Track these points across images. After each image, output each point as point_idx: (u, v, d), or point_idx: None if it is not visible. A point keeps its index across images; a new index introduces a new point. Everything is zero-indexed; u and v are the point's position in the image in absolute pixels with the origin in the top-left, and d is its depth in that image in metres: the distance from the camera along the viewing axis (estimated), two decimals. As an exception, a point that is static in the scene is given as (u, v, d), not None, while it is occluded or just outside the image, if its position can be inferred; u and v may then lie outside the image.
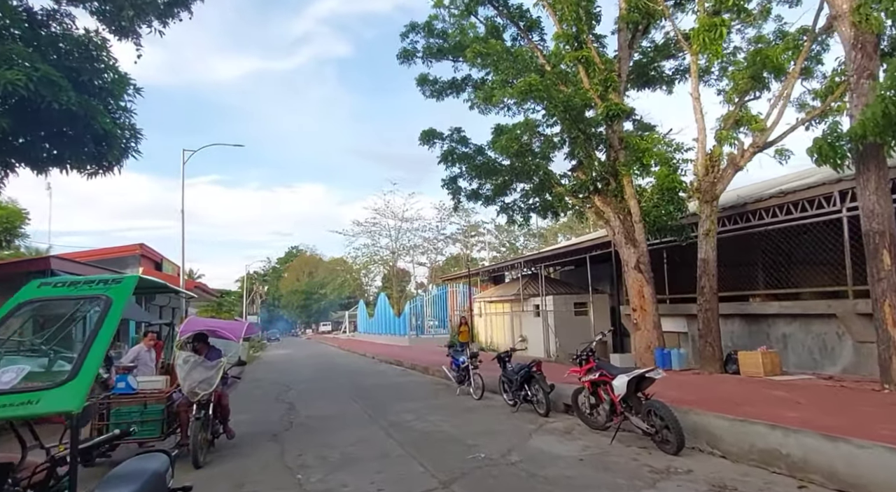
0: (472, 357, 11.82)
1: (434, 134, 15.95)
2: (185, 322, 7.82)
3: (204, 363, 7.36)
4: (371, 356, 27.82)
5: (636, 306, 12.31)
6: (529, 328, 23.36)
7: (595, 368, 7.58)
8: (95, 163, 11.25)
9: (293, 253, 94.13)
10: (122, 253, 19.85)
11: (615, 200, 12.72)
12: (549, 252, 21.67)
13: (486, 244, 67.09)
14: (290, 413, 10.90)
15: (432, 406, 10.88)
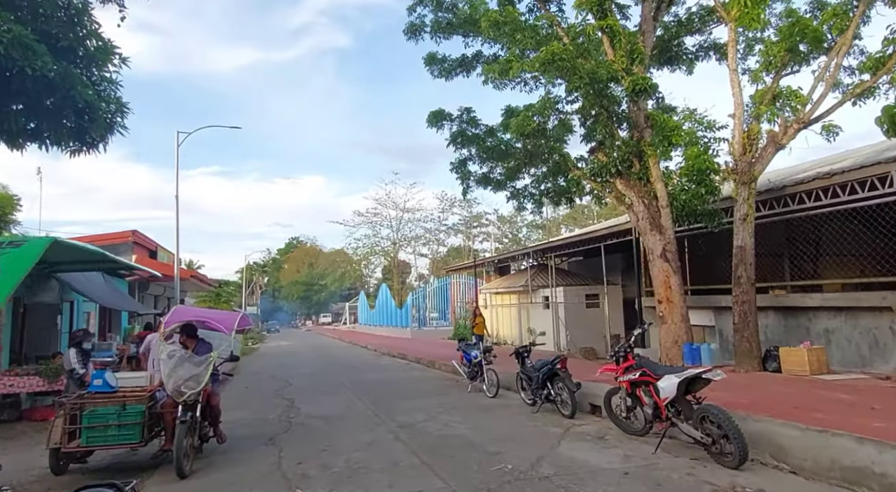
0: (486, 352, 10.96)
1: (442, 115, 14.99)
2: (170, 312, 6.95)
3: (191, 359, 6.48)
4: (373, 349, 27.01)
5: (662, 298, 11.42)
6: (538, 321, 22.50)
7: (635, 366, 6.69)
8: (77, 139, 10.33)
9: (293, 244, 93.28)
10: (114, 240, 18.93)
11: (639, 183, 11.80)
12: (561, 241, 20.76)
13: (488, 235, 66.32)
14: (290, 411, 10.04)
15: (443, 405, 10.02)
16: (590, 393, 8.73)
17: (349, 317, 68.64)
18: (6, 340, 10.73)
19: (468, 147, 15.24)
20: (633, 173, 11.78)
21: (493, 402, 10.16)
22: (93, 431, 5.98)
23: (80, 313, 14.34)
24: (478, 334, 15.70)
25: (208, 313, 7.33)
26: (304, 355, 25.97)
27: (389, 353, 23.66)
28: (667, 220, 11.42)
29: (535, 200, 16.60)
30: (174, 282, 18.54)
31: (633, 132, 11.93)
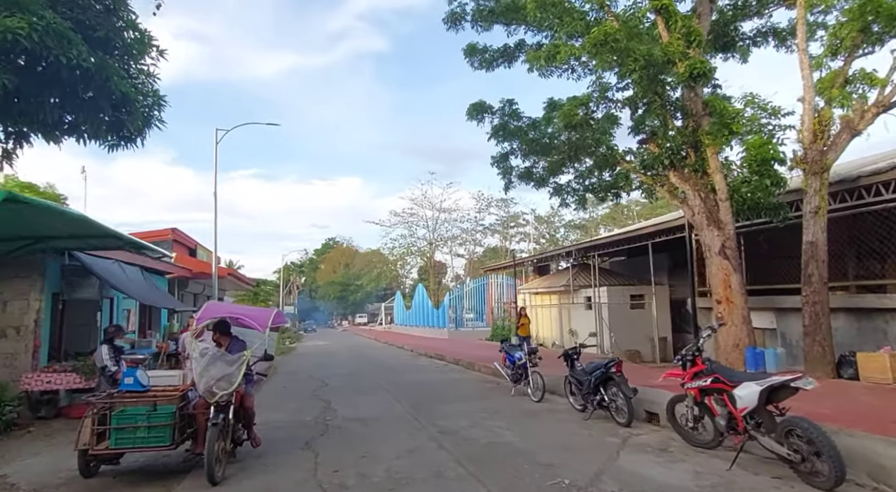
0: (531, 354, 10.36)
1: (483, 108, 14.46)
2: (202, 308, 6.64)
3: (224, 357, 6.13)
4: (409, 349, 26.65)
5: (721, 298, 10.60)
6: (580, 322, 21.70)
7: (705, 372, 6.01)
8: (115, 132, 10.22)
9: (329, 245, 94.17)
10: (154, 238, 19.05)
11: (695, 175, 11.00)
12: (605, 239, 19.92)
13: (525, 235, 65.40)
14: (326, 413, 9.67)
15: (486, 409, 9.48)
16: (645, 399, 8.06)
17: (385, 317, 68.71)
18: (45, 337, 10.72)
19: (510, 141, 14.66)
20: (688, 165, 10.99)
21: (539, 407, 9.56)
22: (122, 432, 5.68)
23: (119, 310, 14.38)
24: (522, 335, 15.13)
25: (241, 310, 6.99)
26: (341, 355, 25.81)
27: (427, 354, 23.24)
28: (726, 214, 10.59)
29: (578, 197, 15.90)
30: (212, 280, 18.55)
31: (689, 121, 11.14)
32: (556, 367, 11.41)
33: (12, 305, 10.51)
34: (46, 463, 6.71)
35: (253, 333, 7.09)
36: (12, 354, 10.38)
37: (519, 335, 15.26)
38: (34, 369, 10.18)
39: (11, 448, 7.83)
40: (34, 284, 10.54)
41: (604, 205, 56.55)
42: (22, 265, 10.47)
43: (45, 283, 10.59)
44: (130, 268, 13.35)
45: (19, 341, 10.43)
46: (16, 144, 10.04)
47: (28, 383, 9.75)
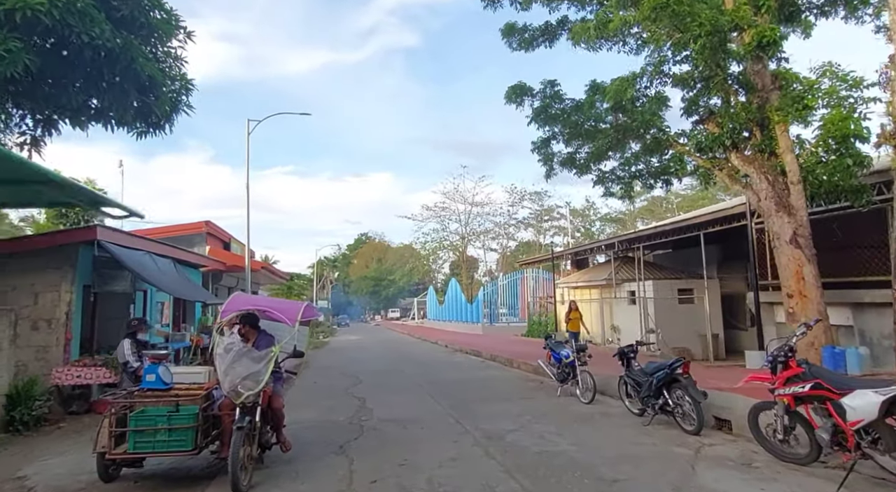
0: (580, 351, 9.56)
1: (523, 90, 13.63)
2: (228, 300, 6.11)
3: (250, 353, 5.57)
4: (444, 345, 26.06)
5: (793, 292, 9.58)
6: (622, 317, 20.69)
7: (802, 376, 5.15)
8: (142, 118, 9.87)
9: (362, 240, 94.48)
10: (188, 231, 18.96)
11: (761, 156, 9.98)
12: (651, 230, 18.80)
13: (560, 229, 63.99)
14: (361, 413, 9.11)
15: (532, 411, 8.74)
16: (713, 404, 7.22)
17: (417, 312, 68.43)
18: (76, 330, 10.47)
19: (551, 125, 13.82)
20: (753, 145, 10.00)
21: (590, 409, 8.77)
22: (141, 435, 5.18)
23: (153, 303, 14.16)
24: (573, 331, 14.33)
25: (269, 302, 6.44)
26: (374, 350, 25.40)
27: (462, 349, 22.59)
28: (798, 198, 9.56)
29: (623, 184, 14.95)
30: (245, 273, 18.29)
31: (754, 96, 10.11)
32: (604, 365, 10.62)
33: (44, 297, 10.29)
34: (69, 464, 6.31)
35: (282, 327, 6.55)
36: (44, 346, 10.16)
37: (569, 331, 14.42)
38: (65, 363, 9.94)
39: (38, 445, 7.52)
40: (65, 275, 10.29)
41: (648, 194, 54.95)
42: (54, 256, 10.24)
43: (77, 274, 10.33)
44: (163, 260, 13.08)
45: (51, 334, 10.21)
46: (44, 131, 9.78)
47: (58, 378, 9.49)
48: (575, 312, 15.29)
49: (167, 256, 13.72)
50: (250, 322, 6.20)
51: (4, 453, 6.87)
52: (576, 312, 15.32)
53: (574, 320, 14.95)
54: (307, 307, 6.20)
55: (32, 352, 10.09)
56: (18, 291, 10.22)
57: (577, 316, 15.09)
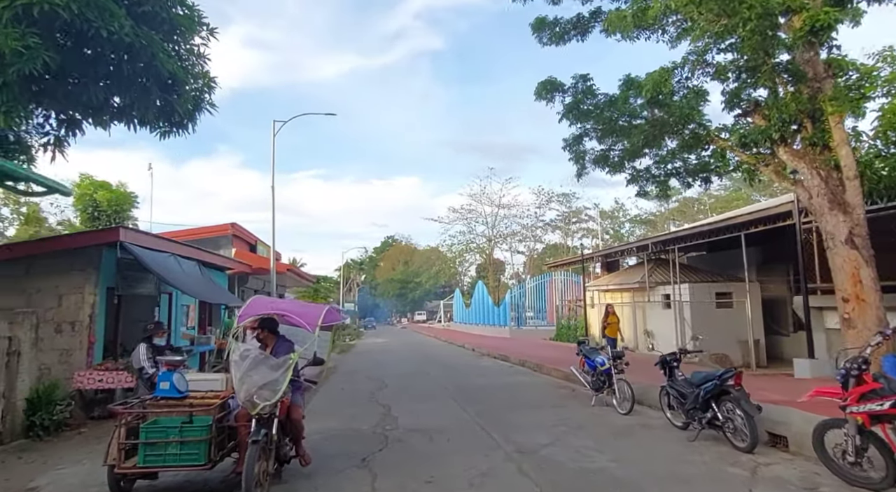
0: (617, 358, 9.01)
1: (554, 85, 13.10)
2: (246, 304, 5.80)
3: (267, 361, 5.23)
4: (471, 348, 25.59)
5: (849, 296, 8.86)
6: (656, 322, 19.94)
7: (881, 391, 4.56)
8: (165, 117, 9.70)
9: (388, 242, 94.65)
10: (214, 233, 18.95)
11: (812, 150, 9.28)
12: (688, 231, 18.00)
13: (588, 231, 62.94)
14: (386, 421, 8.72)
15: (566, 421, 8.23)
16: (766, 418, 6.60)
17: (444, 315, 68.08)
18: (100, 333, 10.36)
19: (583, 122, 13.27)
20: (804, 138, 9.31)
21: (629, 421, 8.22)
22: (151, 448, 4.88)
23: (178, 306, 14.08)
24: (610, 337, 13.73)
25: (289, 305, 6.09)
26: (401, 354, 25.09)
27: (489, 353, 22.10)
28: (855, 195, 8.84)
29: (658, 183, 14.29)
30: (271, 275, 18.16)
31: (804, 86, 9.42)
32: (639, 372, 10.04)
33: (67, 299, 10.20)
34: (83, 474, 6.07)
35: (303, 333, 6.22)
36: (67, 350, 10.07)
37: (606, 337, 13.78)
38: (88, 367, 9.82)
39: (56, 452, 7.34)
40: (89, 277, 10.19)
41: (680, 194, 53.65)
42: (77, 258, 10.16)
43: (100, 276, 10.22)
44: (187, 262, 12.95)
45: (74, 337, 10.11)
46: (67, 131, 9.70)
47: (80, 382, 9.36)
48: (612, 317, 14.55)
49: (192, 258, 13.60)
50: (269, 327, 5.87)
51: (20, 462, 6.68)
52: (613, 316, 14.58)
53: (612, 326, 14.27)
54: (329, 311, 5.83)
55: (56, 355, 10.00)
56: (43, 293, 10.16)
57: (614, 321, 14.38)
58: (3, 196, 35.39)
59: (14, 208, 36.07)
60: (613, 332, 14.11)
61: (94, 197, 25.16)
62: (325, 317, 5.66)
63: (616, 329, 14.22)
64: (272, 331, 5.89)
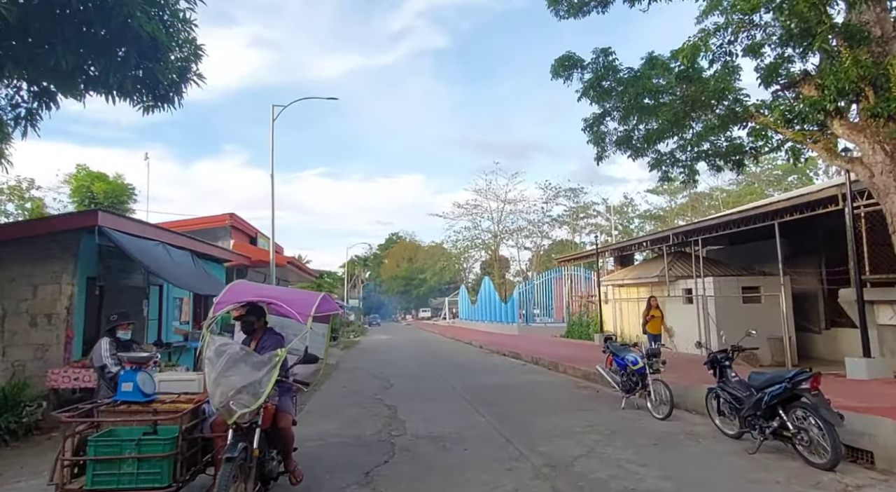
0: (652, 357, 8.01)
1: (572, 62, 12.07)
2: (225, 289, 4.83)
3: (249, 358, 4.27)
4: (478, 346, 24.62)
5: (916, 287, 7.83)
6: (677, 317, 18.86)
7: None
8: (147, 89, 8.77)
9: (393, 239, 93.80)
10: (212, 224, 18.03)
11: (874, 122, 8.23)
12: (714, 221, 16.88)
13: (596, 226, 61.75)
14: (392, 426, 7.76)
15: (597, 427, 7.24)
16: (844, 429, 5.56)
17: (448, 312, 67.13)
18: (79, 327, 9.44)
19: (604, 100, 12.24)
20: (864, 109, 8.26)
21: (669, 427, 7.21)
22: (102, 466, 3.92)
23: (169, 299, 13.16)
24: (652, 333, 12.55)
25: (276, 292, 5.11)
26: (407, 351, 24.14)
27: (499, 351, 21.11)
28: (924, 172, 7.80)
29: (685, 167, 13.26)
30: (270, 268, 17.23)
31: (864, 50, 8.36)
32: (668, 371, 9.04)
33: (43, 289, 9.29)
34: (37, 490, 5.15)
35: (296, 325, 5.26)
36: (43, 345, 9.17)
37: (647, 333, 12.58)
38: (66, 363, 8.92)
39: (20, 460, 6.45)
40: (66, 266, 9.28)
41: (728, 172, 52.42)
42: (53, 244, 9.24)
43: (78, 265, 9.30)
44: (179, 252, 12.00)
45: (51, 331, 9.21)
46: (39, 103, 8.77)
47: (54, 380, 8.45)
48: (655, 311, 13.13)
49: (185, 248, 12.66)
50: (257, 314, 4.91)
51: (-31, 473, 5.76)
52: (656, 310, 13.16)
53: (655, 321, 12.90)
54: (325, 299, 4.86)
55: (31, 351, 9.11)
56: (17, 283, 9.26)
57: (658, 315, 13.01)
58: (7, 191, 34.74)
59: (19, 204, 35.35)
60: (657, 327, 12.80)
61: (91, 189, 24.37)
62: (320, 306, 4.68)
63: (659, 325, 12.94)
64: (256, 318, 4.94)
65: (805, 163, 10.00)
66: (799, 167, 50.79)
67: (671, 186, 60.25)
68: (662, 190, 60.29)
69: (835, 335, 16.57)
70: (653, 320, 12.78)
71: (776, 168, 53.72)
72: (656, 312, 12.97)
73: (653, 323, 12.76)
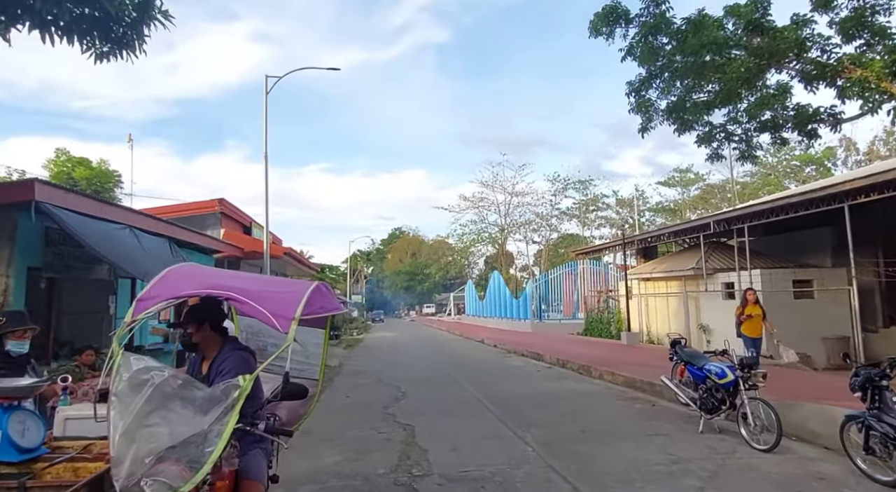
0: (747, 368, 6.17)
1: (616, 14, 10.26)
2: (157, 278, 2.98)
3: (190, 392, 2.47)
4: (492, 344, 22.81)
5: None
6: (714, 315, 17.08)
7: None
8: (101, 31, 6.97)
9: (396, 235, 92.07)
10: (199, 210, 16.21)
11: None
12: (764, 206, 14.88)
13: (606, 220, 59.82)
14: (410, 459, 5.93)
15: (685, 466, 5.41)
16: None
17: (454, 308, 65.34)
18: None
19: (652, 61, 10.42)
20: None
21: (782, 465, 5.38)
22: None
23: (144, 294, 11.33)
24: (750, 337, 9.91)
25: (240, 280, 3.18)
26: (414, 350, 22.33)
27: (516, 351, 19.30)
28: None
29: (743, 140, 11.45)
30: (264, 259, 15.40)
31: None
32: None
33: (-27, 282, 7.47)
34: None
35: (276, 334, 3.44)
36: (-27, 351, 7.32)
37: (744, 336, 9.90)
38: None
39: None
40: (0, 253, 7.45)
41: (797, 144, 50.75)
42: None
43: (15, 251, 7.47)
44: (152, 239, 10.18)
45: (-17, 333, 7.36)
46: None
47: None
48: (753, 307, 10.21)
49: (162, 234, 10.86)
50: (207, 318, 3.10)
51: None
52: (755, 306, 10.24)
53: (754, 320, 10.07)
54: (317, 292, 3.01)
55: (-42, 358, 7.29)
56: (-59, 274, 7.45)
57: (757, 313, 10.13)
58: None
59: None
60: (756, 329, 10.02)
61: (72, 175, 22.58)
62: (311, 302, 2.85)
63: (760, 326, 10.11)
64: (214, 326, 3.12)
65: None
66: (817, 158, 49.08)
67: (684, 178, 58.33)
68: (675, 182, 58.35)
69: (893, 334, 14.80)
70: (750, 321, 10.01)
71: (794, 159, 51.73)
72: (755, 309, 10.14)
73: (751, 324, 10.00)
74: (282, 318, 2.73)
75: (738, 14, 9.37)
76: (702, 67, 9.75)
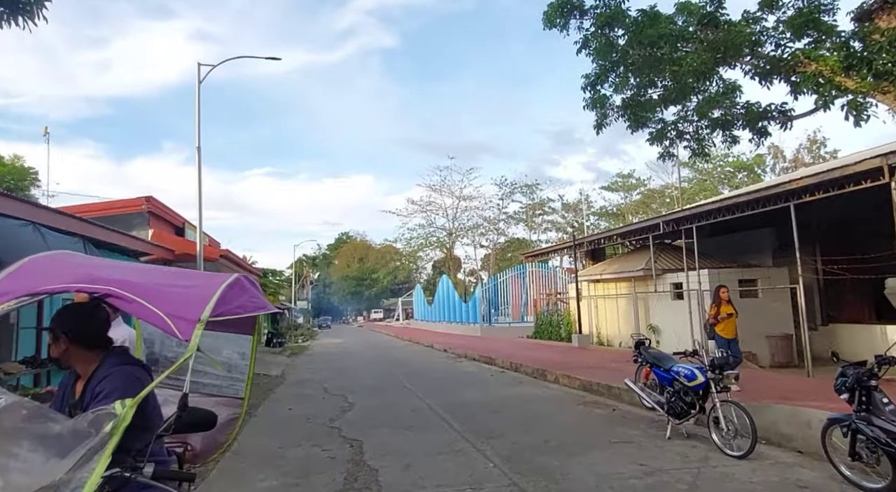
0: (718, 369, 5.82)
1: (570, 6, 9.92)
2: (10, 269, 2.22)
3: (42, 427, 1.72)
4: (442, 349, 22.22)
5: None
6: (663, 315, 17.19)
7: None
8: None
9: (343, 239, 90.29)
10: (124, 209, 14.80)
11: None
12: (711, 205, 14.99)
13: (552, 224, 60.55)
14: (358, 482, 5.22)
15: (660, 477, 4.97)
16: None
17: (402, 313, 64.43)
18: None
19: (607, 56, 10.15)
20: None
21: (760, 472, 5.02)
22: None
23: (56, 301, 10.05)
24: (725, 337, 9.35)
25: (127, 271, 2.44)
26: (362, 356, 21.44)
27: (467, 355, 18.79)
28: None
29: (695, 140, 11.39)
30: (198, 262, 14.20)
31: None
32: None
33: None
34: None
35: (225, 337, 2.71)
36: None
37: (719, 337, 9.37)
38: None
39: None
40: None
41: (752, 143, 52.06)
42: None
43: None
44: (62, 238, 8.98)
45: None
46: None
47: None
48: (728, 307, 9.68)
49: (76, 233, 9.66)
50: (72, 327, 2.33)
51: None
52: (729, 305, 9.70)
53: (730, 322, 9.55)
54: (236, 287, 2.29)
55: None
56: None
57: (731, 313, 9.62)
58: None
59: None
60: (731, 331, 9.54)
61: (-19, 172, 20.51)
62: (226, 299, 2.14)
63: (734, 327, 9.66)
64: (76, 338, 2.35)
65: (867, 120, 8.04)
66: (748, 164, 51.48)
67: (626, 183, 59.93)
68: (618, 186, 59.84)
69: (831, 331, 15.24)
70: (727, 321, 9.51)
71: (727, 165, 54.05)
72: (729, 308, 9.64)
73: (727, 324, 9.52)
74: (182, 320, 2.01)
75: (690, 11, 9.21)
76: (657, 61, 9.54)
